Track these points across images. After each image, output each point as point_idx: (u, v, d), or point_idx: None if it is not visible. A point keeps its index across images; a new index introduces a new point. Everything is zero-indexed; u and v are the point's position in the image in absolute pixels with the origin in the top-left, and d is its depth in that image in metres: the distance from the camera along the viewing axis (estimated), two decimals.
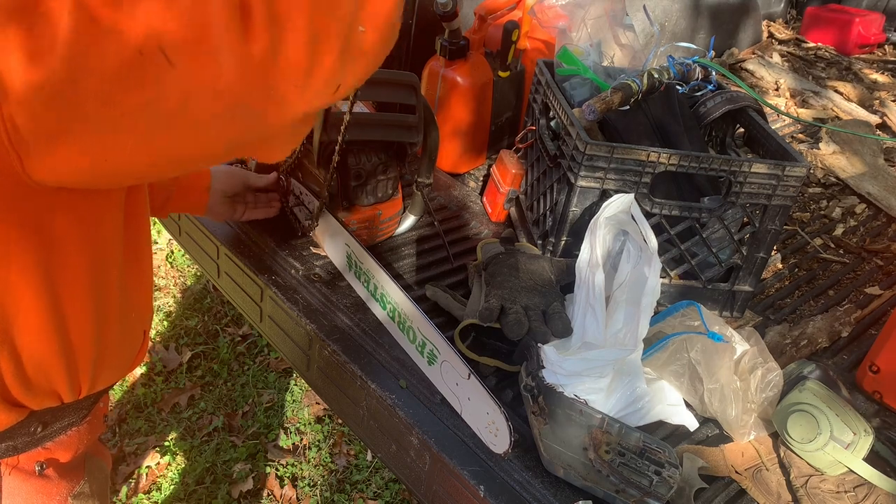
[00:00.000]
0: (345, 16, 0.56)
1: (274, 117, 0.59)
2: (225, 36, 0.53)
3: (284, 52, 0.55)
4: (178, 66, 0.53)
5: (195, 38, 0.53)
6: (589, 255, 1.20)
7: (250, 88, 0.56)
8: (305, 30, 0.55)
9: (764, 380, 1.16)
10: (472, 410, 1.06)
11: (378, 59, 0.62)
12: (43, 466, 0.92)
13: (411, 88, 1.33)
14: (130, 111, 0.56)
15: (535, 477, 1.04)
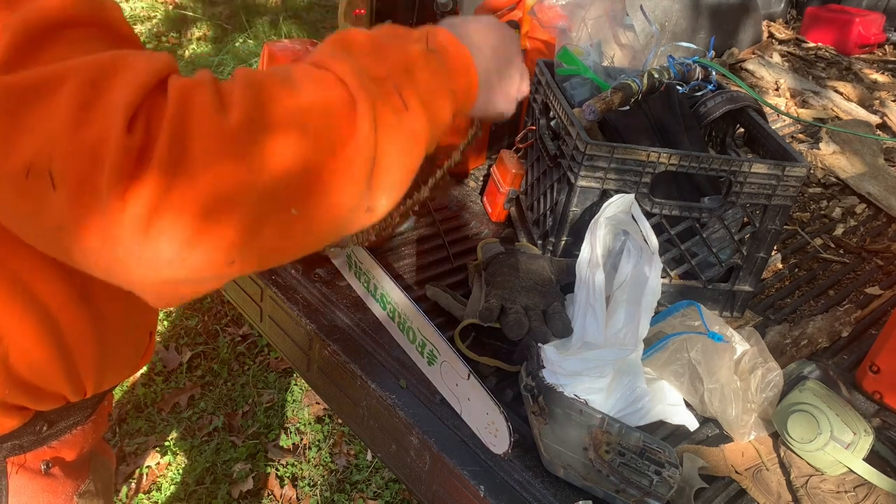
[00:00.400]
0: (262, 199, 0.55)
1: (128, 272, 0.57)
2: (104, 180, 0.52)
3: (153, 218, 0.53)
4: (60, 191, 0.53)
5: (80, 172, 0.52)
6: (589, 254, 1.19)
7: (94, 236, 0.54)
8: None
9: (764, 380, 1.16)
10: (472, 411, 1.06)
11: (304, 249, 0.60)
12: (49, 465, 0.92)
13: None
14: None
15: (535, 477, 1.04)
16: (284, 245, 0.59)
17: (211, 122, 0.54)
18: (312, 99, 0.58)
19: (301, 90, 0.58)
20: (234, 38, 4.45)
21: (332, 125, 0.58)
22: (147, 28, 4.58)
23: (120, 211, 0.52)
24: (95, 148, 0.52)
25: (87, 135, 0.53)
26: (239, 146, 0.55)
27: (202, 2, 4.93)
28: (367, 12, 1.75)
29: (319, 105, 0.58)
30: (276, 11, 4.93)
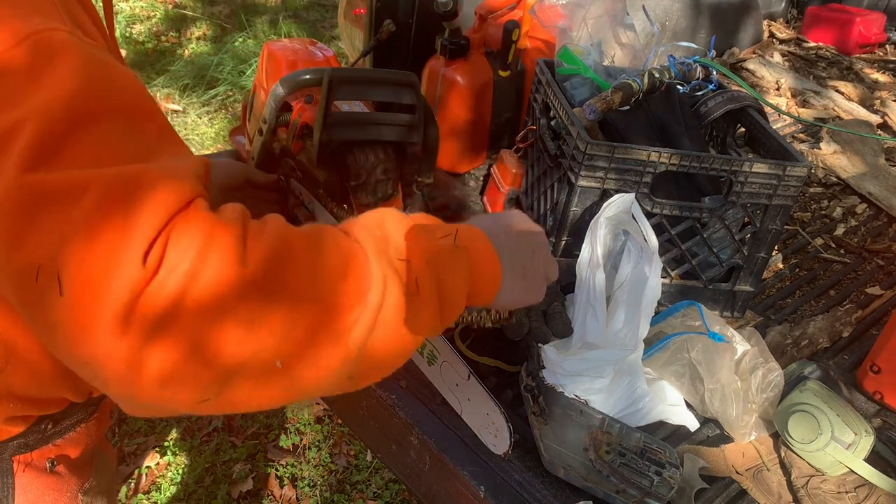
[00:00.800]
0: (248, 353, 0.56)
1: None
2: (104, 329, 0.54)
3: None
4: (66, 298, 0.55)
5: (90, 289, 0.54)
6: (589, 254, 1.19)
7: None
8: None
9: (765, 380, 1.16)
10: (472, 411, 1.06)
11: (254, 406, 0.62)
12: (54, 463, 0.92)
13: (411, 88, 1.33)
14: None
15: (536, 477, 1.04)
16: (260, 396, 0.59)
17: (229, 275, 0.55)
18: (332, 269, 0.60)
19: (325, 259, 0.60)
20: (234, 38, 4.44)
21: (343, 291, 0.59)
22: (146, 27, 4.58)
23: (117, 334, 0.53)
24: (109, 269, 0.54)
25: (103, 252, 0.54)
26: (248, 304, 0.56)
27: (202, 1, 4.93)
28: (366, 12, 1.75)
29: (337, 274, 0.60)
30: (276, 11, 4.93)
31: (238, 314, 0.55)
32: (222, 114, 3.82)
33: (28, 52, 0.58)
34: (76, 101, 0.57)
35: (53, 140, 0.56)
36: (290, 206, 1.43)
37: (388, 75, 1.43)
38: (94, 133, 0.58)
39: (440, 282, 0.65)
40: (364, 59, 1.76)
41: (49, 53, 0.59)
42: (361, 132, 1.33)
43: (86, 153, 0.57)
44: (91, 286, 0.54)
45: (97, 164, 0.56)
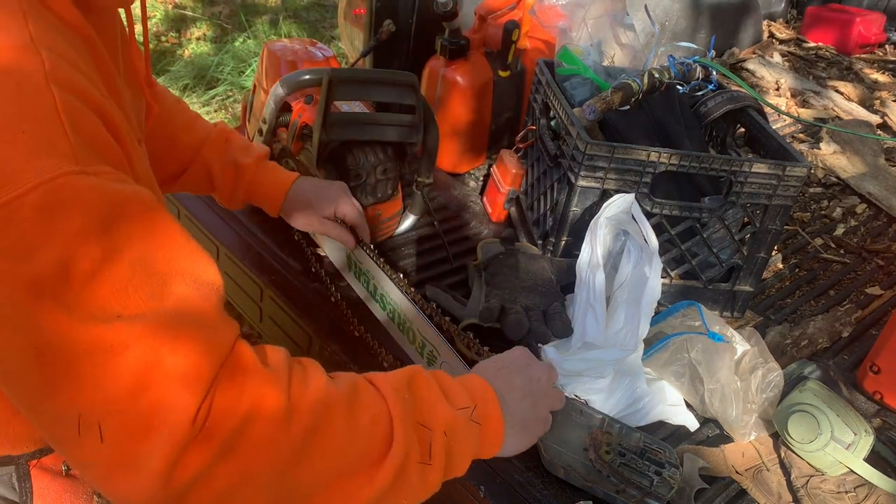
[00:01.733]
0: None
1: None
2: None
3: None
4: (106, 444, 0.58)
5: (133, 441, 0.58)
6: (589, 255, 1.19)
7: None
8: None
9: (764, 380, 1.16)
10: None
11: None
12: (69, 466, 0.92)
13: (410, 88, 1.33)
14: None
15: (536, 477, 1.04)
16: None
17: (273, 439, 0.61)
18: (363, 432, 0.66)
19: (358, 423, 0.66)
20: (234, 38, 4.44)
21: (366, 456, 0.66)
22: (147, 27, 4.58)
23: (158, 485, 0.58)
24: (154, 426, 0.57)
25: (146, 410, 0.57)
26: (286, 465, 0.62)
27: (202, 1, 4.93)
28: (366, 12, 1.75)
29: (364, 440, 0.66)
30: (276, 11, 4.93)
31: (276, 473, 0.61)
32: (222, 114, 3.82)
33: (41, 201, 0.56)
34: (94, 252, 0.58)
35: (78, 290, 0.57)
36: None
37: (388, 76, 1.43)
38: (117, 280, 0.58)
39: (451, 452, 0.73)
40: (364, 59, 1.77)
41: (62, 204, 0.57)
42: (361, 132, 1.33)
43: (114, 302, 0.58)
44: (137, 438, 0.57)
45: (127, 311, 0.58)
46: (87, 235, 0.58)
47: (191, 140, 1.20)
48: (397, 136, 1.36)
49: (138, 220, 0.61)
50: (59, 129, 0.59)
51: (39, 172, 0.56)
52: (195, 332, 0.60)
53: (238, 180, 1.23)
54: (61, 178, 0.57)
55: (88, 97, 0.63)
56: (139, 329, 0.58)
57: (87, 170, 0.58)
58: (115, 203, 0.60)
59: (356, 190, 1.36)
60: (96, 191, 0.59)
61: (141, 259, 0.60)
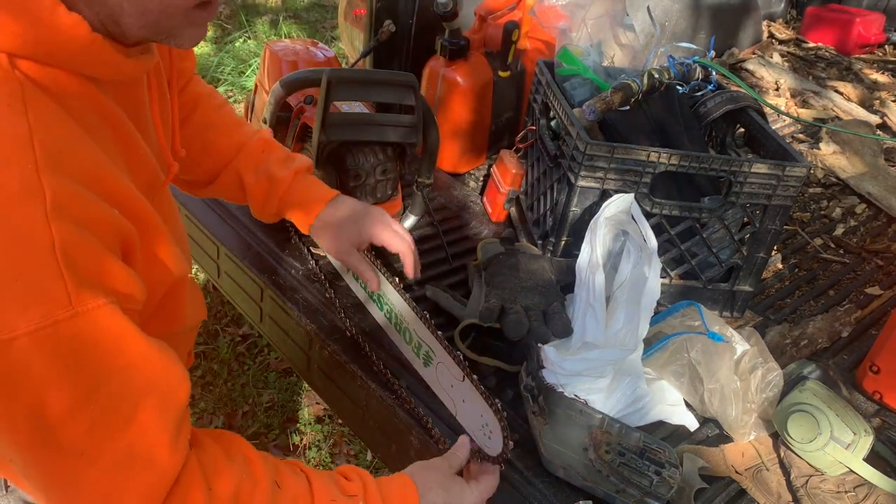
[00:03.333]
0: None
1: None
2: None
3: None
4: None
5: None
6: (589, 255, 1.19)
7: None
8: None
9: (764, 380, 1.16)
10: (467, 413, 1.05)
11: None
12: None
13: (410, 88, 1.33)
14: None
15: (536, 477, 1.04)
16: None
17: None
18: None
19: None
20: (234, 38, 4.45)
21: None
22: None
23: None
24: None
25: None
26: None
27: None
28: (366, 12, 1.75)
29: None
30: (276, 11, 4.93)
31: None
32: None
33: (25, 349, 0.62)
34: (67, 398, 0.65)
35: (52, 428, 0.65)
36: None
37: (387, 76, 1.43)
38: (84, 421, 0.66)
39: None
40: (364, 59, 1.77)
41: (43, 354, 0.63)
42: (360, 133, 1.33)
43: (80, 440, 0.66)
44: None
45: (90, 450, 0.67)
46: (68, 379, 0.64)
47: (228, 146, 1.17)
48: (397, 136, 1.36)
49: (119, 356, 0.68)
50: (54, 271, 0.62)
51: (30, 320, 0.61)
52: (146, 471, 0.70)
53: (271, 193, 1.17)
54: (52, 326, 0.62)
55: (91, 213, 0.66)
56: (97, 468, 0.67)
57: (76, 311, 0.63)
58: (99, 346, 0.66)
59: (356, 190, 1.36)
60: (81, 335, 0.64)
61: (114, 396, 0.67)
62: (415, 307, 1.12)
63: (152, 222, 0.76)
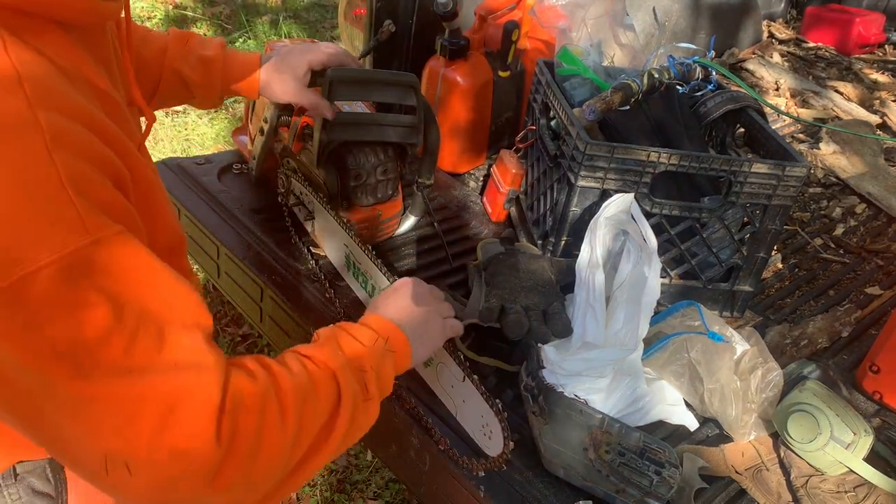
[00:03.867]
0: (276, 480, 0.77)
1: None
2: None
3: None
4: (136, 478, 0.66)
5: (161, 473, 0.66)
6: (589, 255, 1.19)
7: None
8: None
9: (764, 380, 1.16)
10: (467, 413, 1.06)
11: (283, 496, 0.82)
12: None
13: (411, 88, 1.33)
14: None
15: (536, 477, 1.04)
16: (291, 488, 0.80)
17: (278, 432, 0.74)
18: (322, 400, 0.81)
19: (319, 395, 0.80)
20: (234, 38, 4.45)
21: (328, 414, 0.81)
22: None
23: (197, 490, 0.68)
24: (181, 458, 0.66)
25: (170, 447, 0.65)
26: (291, 446, 0.76)
27: (202, 2, 4.93)
28: (366, 12, 1.75)
29: (324, 404, 0.81)
30: (276, 11, 4.93)
31: (285, 455, 0.76)
32: (223, 114, 3.82)
33: (53, 278, 0.61)
34: (103, 318, 0.64)
35: (93, 353, 0.63)
36: (290, 204, 1.43)
37: (388, 76, 1.43)
38: (125, 339, 0.65)
39: (380, 382, 0.89)
40: (364, 59, 1.77)
41: (73, 278, 0.62)
42: (361, 133, 1.33)
43: (124, 359, 0.64)
44: (167, 469, 0.66)
45: (137, 365, 0.65)
46: (97, 304, 0.63)
47: (152, 52, 1.19)
48: (398, 136, 1.36)
49: (140, 279, 0.67)
50: (65, 199, 0.62)
51: (51, 250, 0.60)
52: (196, 372, 0.68)
53: (210, 73, 1.22)
54: (72, 253, 0.61)
55: (89, 148, 0.66)
56: (149, 379, 0.65)
57: (97, 237, 0.63)
58: (120, 269, 0.65)
59: (356, 190, 1.36)
60: (102, 260, 0.64)
61: (143, 316, 0.66)
62: None
63: (143, 171, 0.76)
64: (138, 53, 1.17)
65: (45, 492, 0.89)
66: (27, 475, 0.88)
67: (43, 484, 0.89)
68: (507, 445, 0.96)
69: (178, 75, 1.21)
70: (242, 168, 1.68)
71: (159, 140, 3.51)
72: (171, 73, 1.20)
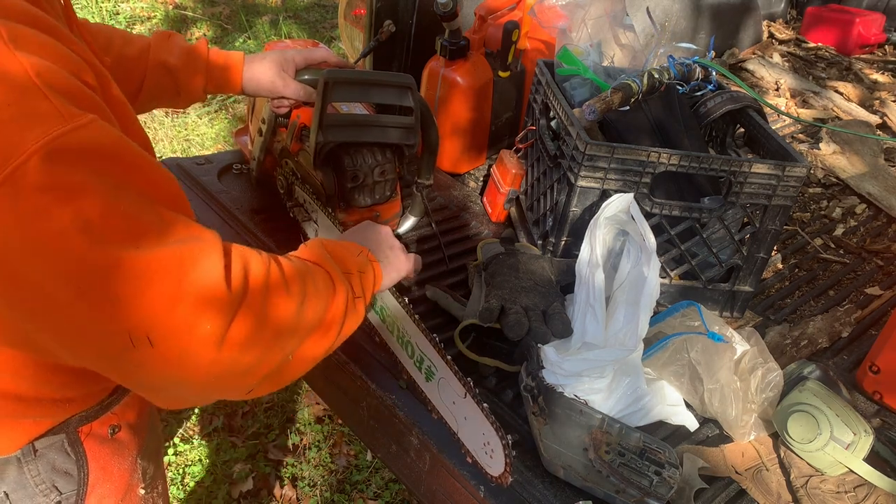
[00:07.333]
0: (286, 352, 0.82)
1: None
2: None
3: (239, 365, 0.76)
4: (156, 348, 0.69)
5: (179, 340, 0.70)
6: (589, 254, 1.19)
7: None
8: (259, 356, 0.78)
9: (764, 380, 1.16)
10: (468, 430, 1.03)
11: (288, 381, 0.89)
12: (115, 429, 0.96)
13: (408, 89, 1.33)
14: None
15: (536, 477, 1.04)
16: (275, 380, 0.85)
17: (285, 295, 0.80)
18: (321, 286, 0.88)
19: (317, 282, 0.87)
20: (234, 38, 4.45)
21: (327, 303, 0.88)
22: (147, 28, 4.58)
23: (210, 352, 0.72)
24: (197, 315, 0.70)
25: (186, 309, 0.69)
26: (293, 319, 0.81)
27: (202, 2, 4.93)
28: (366, 13, 1.75)
29: (325, 290, 0.88)
30: (276, 11, 4.93)
31: (291, 324, 0.81)
32: (223, 114, 3.82)
33: (41, 166, 0.63)
34: (103, 196, 0.66)
35: (99, 232, 0.65)
36: (298, 219, 1.42)
37: (385, 77, 1.43)
38: (128, 215, 0.68)
39: (364, 286, 0.96)
40: (364, 59, 1.77)
41: (62, 162, 0.64)
42: (358, 134, 1.33)
43: (132, 233, 0.67)
44: (184, 333, 0.69)
45: (144, 239, 0.68)
46: (93, 184, 0.65)
47: (135, 50, 1.22)
48: (395, 137, 1.35)
49: (127, 159, 0.70)
50: (38, 93, 0.65)
51: (34, 138, 0.63)
52: (197, 241, 0.72)
53: (194, 62, 1.25)
54: (56, 139, 0.63)
55: (48, 47, 0.69)
56: (156, 252, 0.68)
57: (75, 125, 0.65)
58: (107, 150, 0.68)
59: (354, 191, 1.36)
60: (87, 143, 0.66)
61: (140, 193, 0.69)
62: (415, 318, 1.09)
63: (114, 92, 0.78)
64: (121, 53, 1.21)
65: (65, 469, 0.91)
66: (46, 451, 0.89)
67: (63, 460, 0.90)
68: (508, 465, 0.94)
69: (163, 66, 1.23)
70: (242, 168, 1.68)
71: (159, 140, 3.51)
72: (155, 66, 1.23)
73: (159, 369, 0.71)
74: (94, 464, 0.93)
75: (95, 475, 0.94)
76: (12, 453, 0.87)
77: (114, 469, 0.97)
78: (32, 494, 0.89)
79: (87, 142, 0.66)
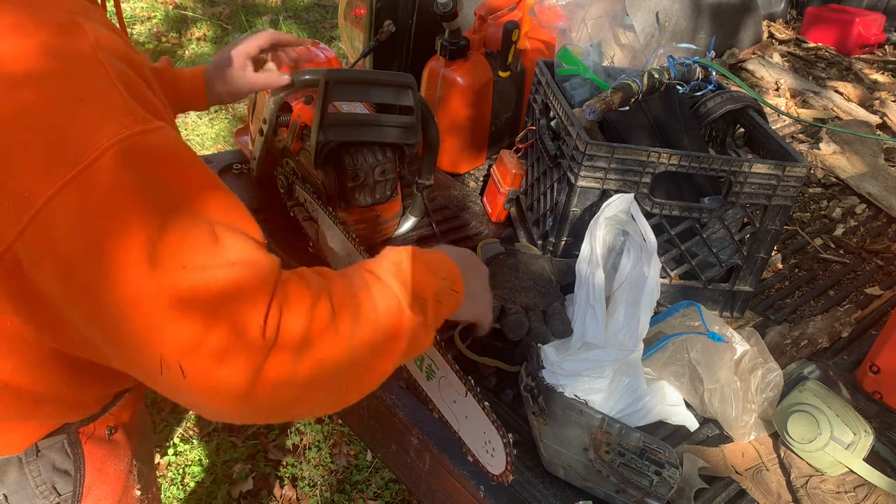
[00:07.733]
0: (331, 387, 0.77)
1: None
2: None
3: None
4: (189, 379, 0.67)
5: (211, 375, 0.66)
6: (589, 254, 1.19)
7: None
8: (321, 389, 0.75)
9: (764, 380, 1.16)
10: (469, 429, 1.03)
11: (346, 405, 0.84)
12: (112, 430, 0.97)
13: (408, 89, 1.33)
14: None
15: (536, 477, 1.04)
16: (328, 407, 0.84)
17: (329, 332, 0.73)
18: (383, 313, 0.79)
19: (377, 306, 0.79)
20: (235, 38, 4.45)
21: (390, 333, 0.80)
22: (147, 28, 4.58)
23: (241, 392, 0.68)
24: (229, 353, 0.66)
25: (219, 343, 0.65)
26: (341, 352, 0.74)
27: (202, 2, 4.93)
28: (366, 13, 1.75)
29: (385, 319, 0.79)
30: (276, 11, 4.93)
31: (335, 362, 0.74)
32: (223, 114, 3.82)
33: (116, 162, 0.63)
34: (162, 210, 0.65)
35: (150, 246, 0.64)
36: (299, 218, 1.42)
37: (385, 77, 1.43)
38: (182, 235, 0.66)
39: (438, 314, 0.89)
40: (364, 59, 1.77)
41: (133, 161, 0.64)
42: (359, 133, 1.33)
43: (180, 255, 0.65)
44: (215, 368, 0.66)
45: (192, 262, 0.65)
46: (157, 195, 0.65)
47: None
48: (396, 137, 1.35)
49: (193, 171, 0.69)
50: (115, 92, 0.67)
51: (109, 135, 0.64)
52: (249, 271, 0.68)
53: (159, 82, 1.25)
54: (129, 138, 0.64)
55: (127, 58, 0.71)
56: (203, 277, 0.65)
57: (147, 128, 0.66)
58: (175, 158, 0.68)
59: (354, 191, 1.36)
60: (158, 148, 0.67)
61: (199, 211, 0.67)
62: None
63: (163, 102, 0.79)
64: None
65: (63, 469, 0.91)
66: (48, 451, 0.89)
67: (62, 460, 0.91)
68: (509, 464, 0.94)
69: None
70: (242, 168, 1.68)
71: None
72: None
73: (193, 396, 0.69)
74: (91, 465, 0.94)
75: (92, 476, 0.94)
76: (16, 453, 0.87)
77: (110, 470, 0.97)
78: (32, 496, 0.89)
79: (157, 146, 0.66)
